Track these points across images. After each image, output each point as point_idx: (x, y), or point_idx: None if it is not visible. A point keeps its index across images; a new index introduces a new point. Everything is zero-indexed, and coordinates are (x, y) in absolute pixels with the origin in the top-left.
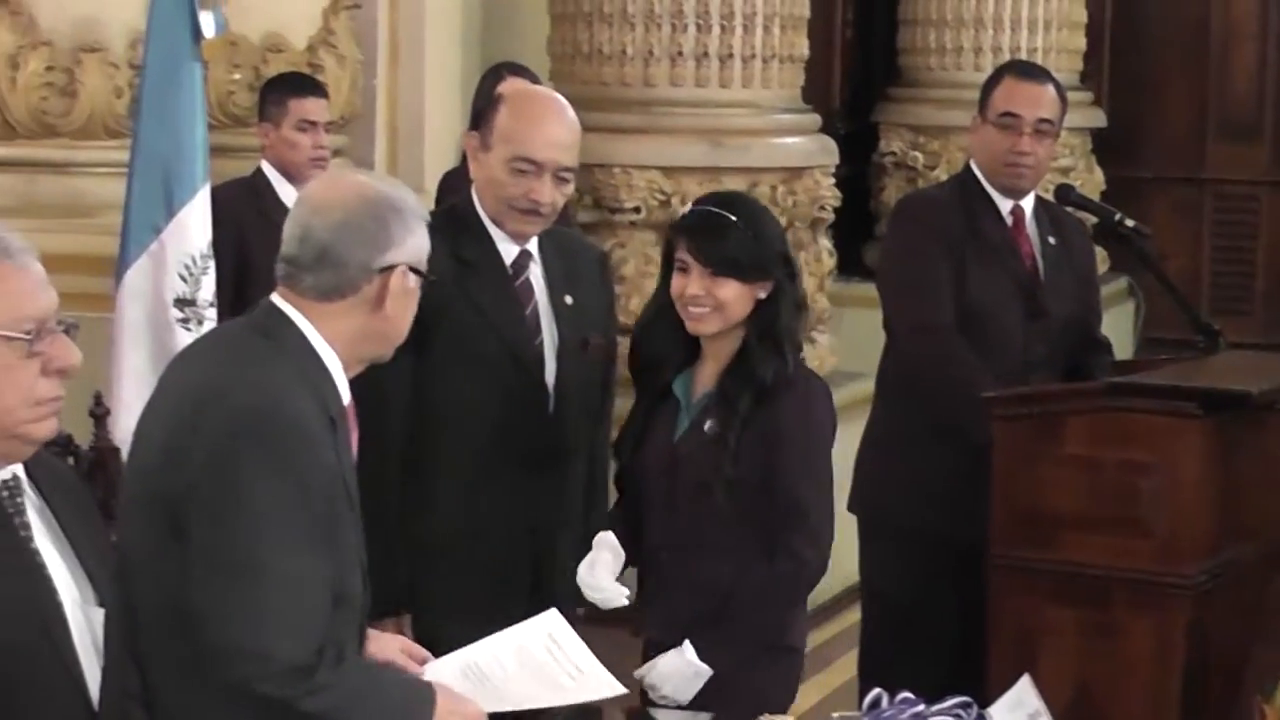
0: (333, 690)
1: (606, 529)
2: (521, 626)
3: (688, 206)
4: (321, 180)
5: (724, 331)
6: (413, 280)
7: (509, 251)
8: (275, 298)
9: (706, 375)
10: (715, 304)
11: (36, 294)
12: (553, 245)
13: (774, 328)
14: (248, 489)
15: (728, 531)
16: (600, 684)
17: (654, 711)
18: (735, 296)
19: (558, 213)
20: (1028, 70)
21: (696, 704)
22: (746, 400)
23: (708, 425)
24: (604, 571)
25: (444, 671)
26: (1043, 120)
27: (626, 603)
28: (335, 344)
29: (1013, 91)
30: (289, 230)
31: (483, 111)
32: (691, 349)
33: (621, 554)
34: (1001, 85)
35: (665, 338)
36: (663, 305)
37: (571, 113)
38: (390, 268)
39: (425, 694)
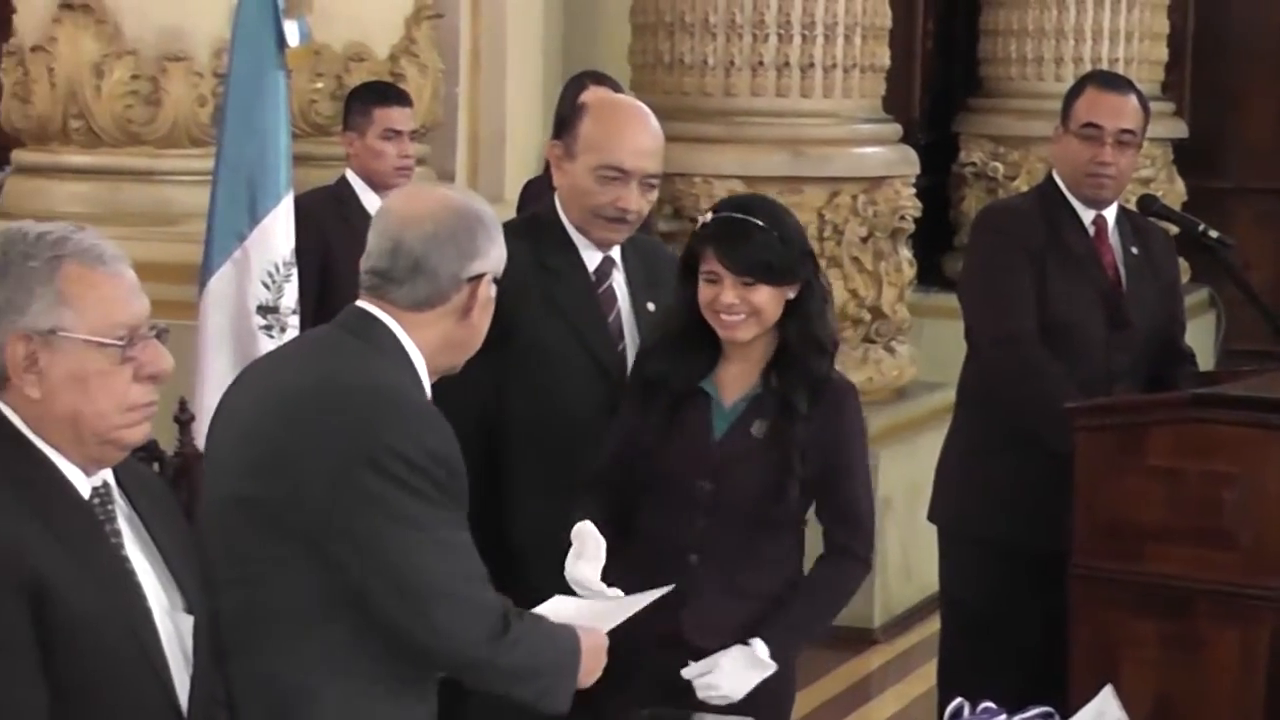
0: (521, 642)
1: (582, 519)
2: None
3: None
4: (402, 194)
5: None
6: (494, 290)
7: (592, 259)
8: (365, 304)
9: (736, 378)
10: (750, 310)
11: (129, 300)
12: (635, 252)
13: (811, 326)
14: (397, 473)
15: (777, 539)
16: (646, 596)
17: (699, 717)
18: (768, 300)
19: (643, 219)
20: (1110, 81)
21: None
22: (803, 400)
23: (754, 427)
24: (590, 569)
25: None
26: (1125, 131)
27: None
28: (422, 352)
29: (1095, 102)
30: (376, 243)
31: (566, 120)
32: (713, 352)
33: (604, 547)
34: (1084, 95)
35: (688, 343)
36: (682, 312)
37: (655, 121)
38: (478, 277)
39: (570, 630)
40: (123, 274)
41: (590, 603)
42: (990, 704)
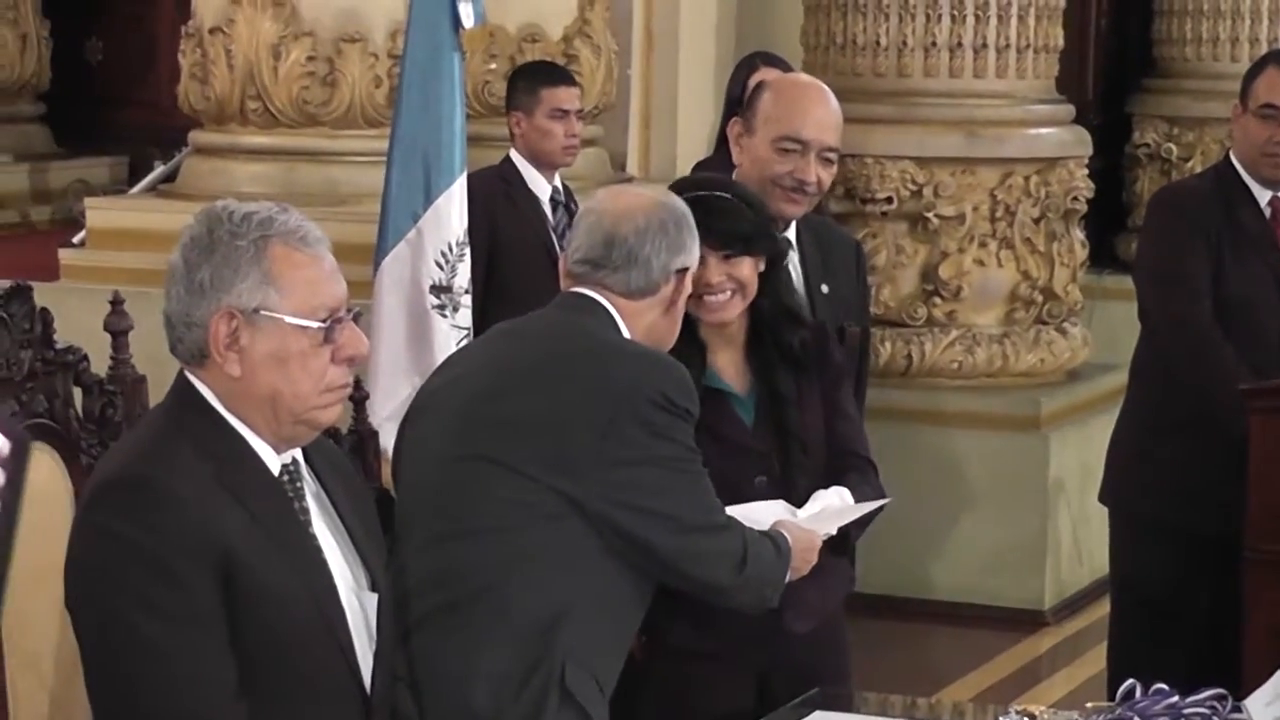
0: (755, 564)
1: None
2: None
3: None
4: (607, 192)
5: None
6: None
7: None
8: (583, 289)
9: (733, 364)
10: (736, 285)
11: (331, 283)
12: (810, 234)
13: (782, 295)
14: (657, 421)
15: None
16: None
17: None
18: (750, 272)
19: (822, 193)
20: None
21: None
22: (786, 377)
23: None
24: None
25: None
26: None
27: None
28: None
29: (1275, 83)
30: (586, 237)
31: (745, 98)
32: (700, 347)
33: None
34: (1264, 76)
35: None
36: None
37: (834, 97)
38: (683, 270)
39: (784, 539)
40: (325, 256)
41: (810, 514)
42: (1163, 685)
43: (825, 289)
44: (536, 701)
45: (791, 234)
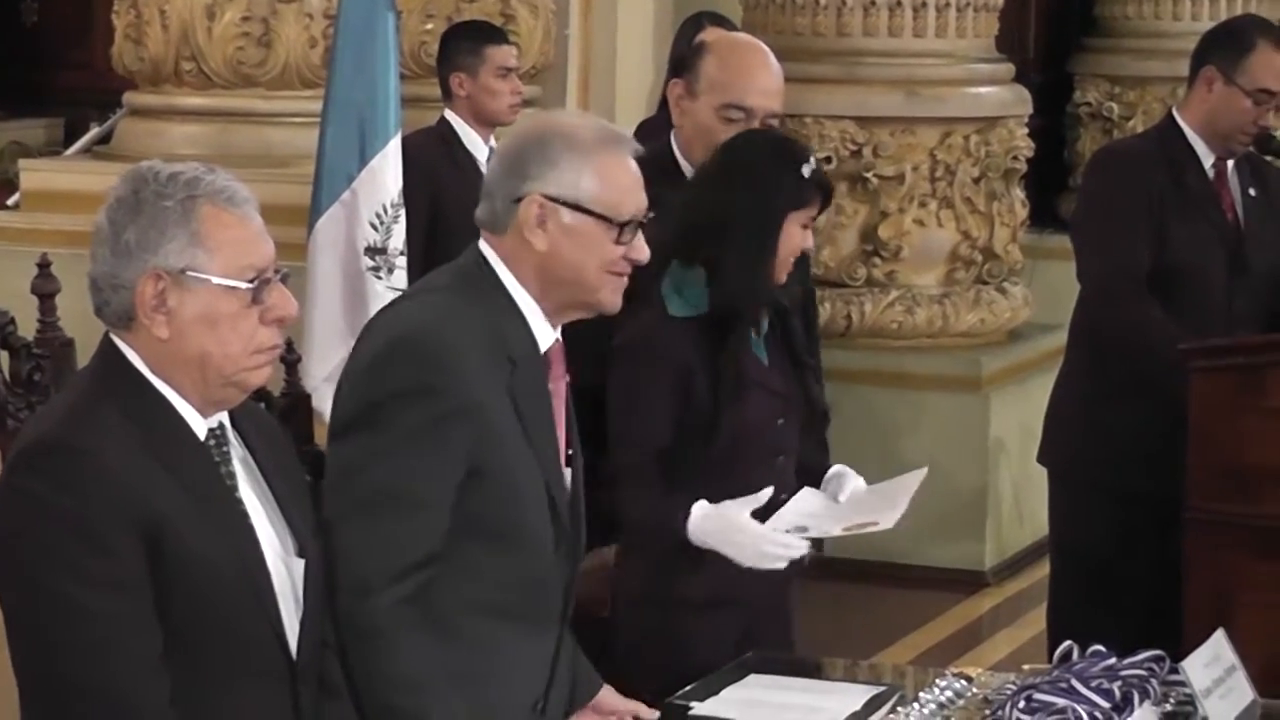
0: (376, 637)
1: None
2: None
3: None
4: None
5: None
6: (568, 215)
7: None
8: (480, 241)
9: None
10: None
11: (259, 243)
12: None
13: None
14: (368, 413)
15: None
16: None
17: None
18: None
19: None
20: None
21: None
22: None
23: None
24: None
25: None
26: None
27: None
28: (526, 285)
29: (1275, 65)
30: None
31: (686, 59)
32: None
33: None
34: (1259, 54)
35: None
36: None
37: (775, 60)
38: (521, 198)
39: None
40: (253, 216)
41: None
42: (1100, 647)
43: None
44: None
45: None
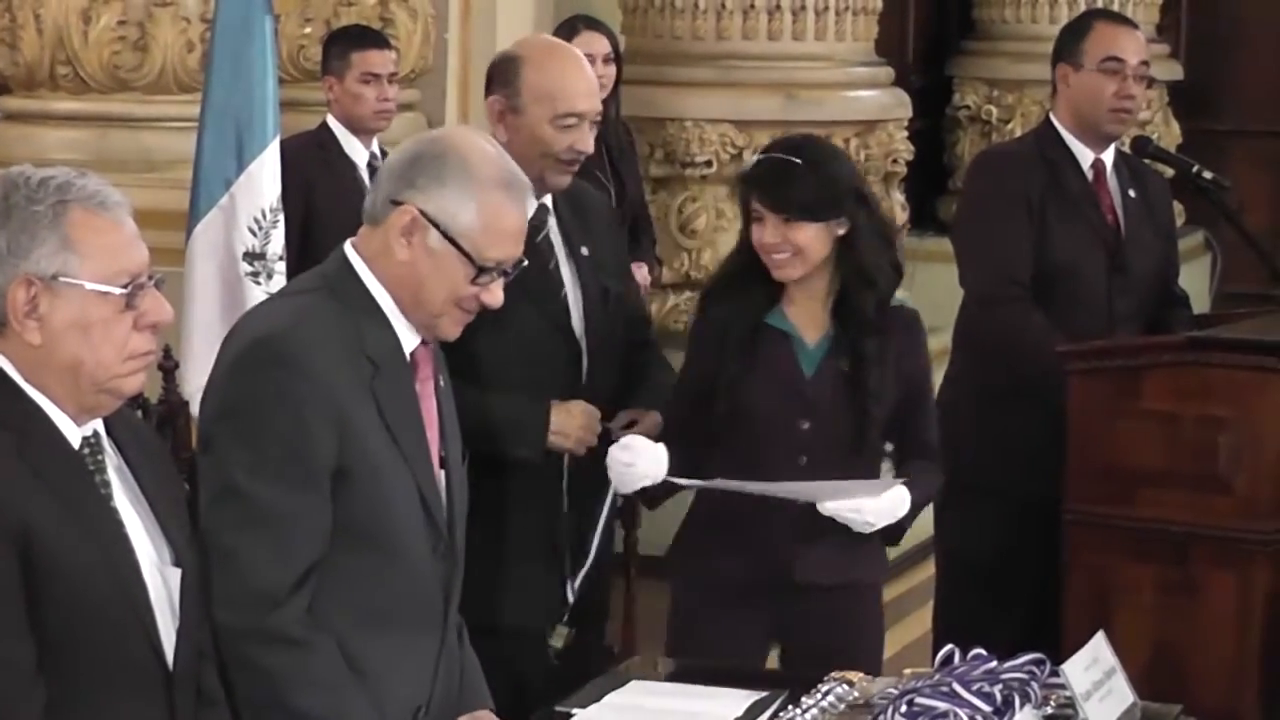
0: (292, 647)
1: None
2: None
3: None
4: None
5: (812, 273)
6: (435, 239)
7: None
8: (346, 244)
9: (811, 316)
10: (794, 249)
11: (132, 248)
12: (564, 199)
13: (862, 262)
14: (230, 419)
15: (867, 472)
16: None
17: None
18: (812, 238)
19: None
20: (1119, 16)
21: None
22: (867, 340)
23: (841, 363)
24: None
25: None
26: (1143, 63)
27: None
28: (387, 287)
29: (1113, 36)
30: None
31: (499, 73)
32: (771, 289)
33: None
34: (1095, 31)
35: (747, 280)
36: (743, 252)
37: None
38: (401, 203)
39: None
40: (125, 221)
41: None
42: (981, 650)
43: (585, 251)
44: None
45: (549, 200)
